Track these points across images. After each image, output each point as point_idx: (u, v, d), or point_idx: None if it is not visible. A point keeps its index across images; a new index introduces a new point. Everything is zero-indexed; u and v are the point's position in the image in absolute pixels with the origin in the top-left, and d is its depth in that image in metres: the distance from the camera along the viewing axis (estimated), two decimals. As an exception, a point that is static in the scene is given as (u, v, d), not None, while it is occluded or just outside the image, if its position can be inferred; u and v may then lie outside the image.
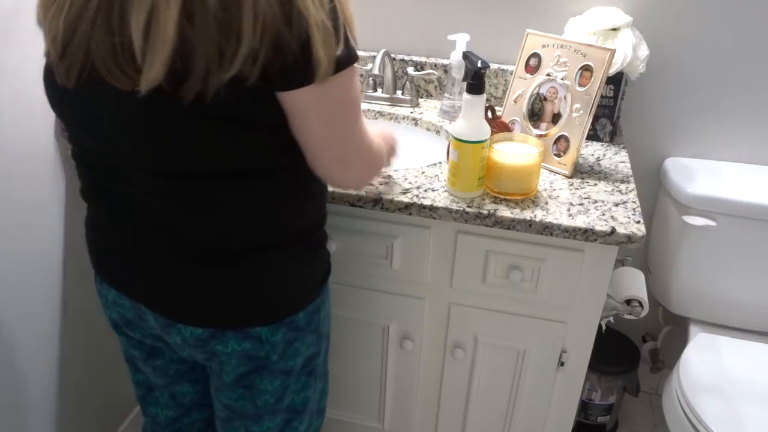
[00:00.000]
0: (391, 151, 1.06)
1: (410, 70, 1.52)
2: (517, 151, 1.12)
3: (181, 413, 1.11)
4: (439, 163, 1.25)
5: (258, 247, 0.83)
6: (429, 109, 1.51)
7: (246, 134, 0.73)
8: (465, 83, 1.06)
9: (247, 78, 0.67)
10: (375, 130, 0.97)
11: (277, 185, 0.80)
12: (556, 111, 1.24)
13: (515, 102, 1.30)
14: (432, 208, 1.10)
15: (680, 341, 1.54)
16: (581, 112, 1.20)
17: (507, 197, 1.12)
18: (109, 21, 0.67)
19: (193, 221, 0.79)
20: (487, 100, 1.54)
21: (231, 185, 0.77)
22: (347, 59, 0.72)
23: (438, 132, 1.43)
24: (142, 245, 0.84)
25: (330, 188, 1.08)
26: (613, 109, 1.36)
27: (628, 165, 1.29)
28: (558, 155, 1.23)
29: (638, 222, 1.07)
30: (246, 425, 0.97)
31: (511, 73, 1.45)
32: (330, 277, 0.97)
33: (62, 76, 0.73)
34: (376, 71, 1.43)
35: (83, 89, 0.73)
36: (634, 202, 1.14)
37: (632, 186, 1.20)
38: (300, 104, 0.72)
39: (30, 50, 1.12)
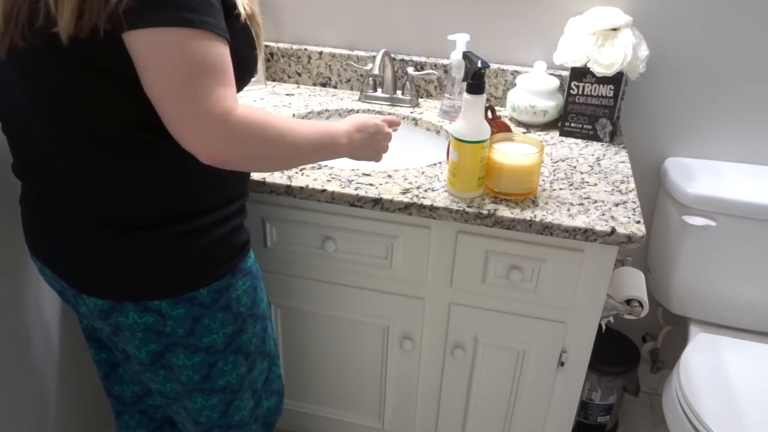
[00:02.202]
0: (367, 141, 1.02)
1: (410, 70, 1.52)
2: (517, 150, 1.12)
3: (145, 390, 1.14)
4: (439, 163, 1.25)
5: (154, 220, 0.85)
6: (429, 109, 1.51)
7: (115, 85, 0.76)
8: (465, 83, 1.06)
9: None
10: (349, 118, 1.02)
11: (167, 154, 0.81)
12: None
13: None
14: (432, 208, 1.10)
15: (680, 341, 1.54)
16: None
17: (507, 197, 1.12)
18: None
19: (88, 186, 0.83)
20: (487, 100, 1.54)
21: (122, 149, 0.80)
22: (200, 21, 0.73)
23: (438, 132, 1.43)
24: (52, 215, 0.89)
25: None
26: (613, 109, 1.36)
27: (628, 165, 1.29)
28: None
29: (638, 222, 1.07)
30: (182, 405, 1.01)
31: (511, 73, 1.45)
32: (246, 258, 0.97)
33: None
34: (376, 71, 1.43)
35: (12, 56, 0.79)
36: (634, 202, 1.14)
37: (632, 186, 1.20)
38: (138, 49, 0.73)
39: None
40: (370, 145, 1.03)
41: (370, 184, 1.15)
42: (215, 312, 0.93)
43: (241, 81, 0.87)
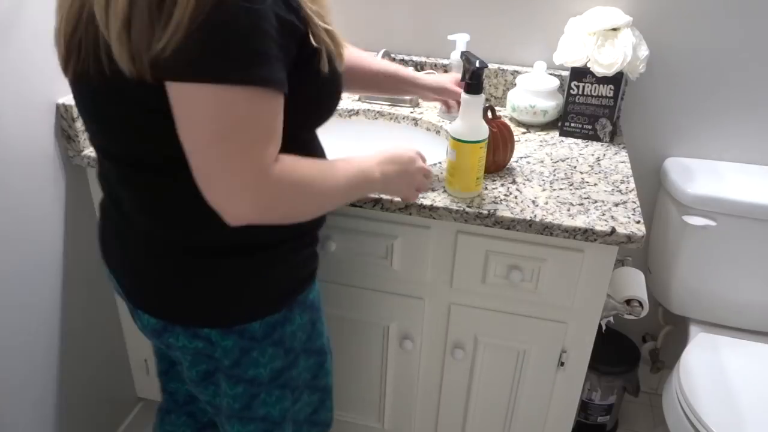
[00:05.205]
0: (401, 177, 0.95)
1: (410, 70, 1.52)
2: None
3: None
4: (439, 163, 1.25)
5: (211, 248, 0.82)
6: (429, 109, 1.51)
7: (170, 123, 0.72)
8: (463, 83, 1.06)
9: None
10: (380, 150, 0.93)
11: None
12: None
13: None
14: (432, 208, 1.10)
15: (680, 341, 1.54)
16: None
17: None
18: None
19: (140, 211, 0.83)
20: (487, 100, 1.54)
21: (179, 179, 0.74)
22: (247, 77, 0.67)
23: (438, 132, 1.43)
24: (118, 230, 0.89)
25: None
26: (613, 109, 1.36)
27: (628, 165, 1.29)
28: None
29: (638, 222, 1.07)
30: (222, 423, 1.00)
31: (511, 73, 1.45)
32: (309, 290, 0.93)
33: (62, 66, 0.80)
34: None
35: (75, 80, 0.79)
36: (634, 202, 1.14)
37: (632, 186, 1.20)
38: (172, 99, 0.68)
39: (30, 51, 1.12)
40: (404, 179, 0.96)
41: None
42: (266, 346, 0.89)
43: (316, 120, 0.84)
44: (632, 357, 1.62)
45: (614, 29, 1.32)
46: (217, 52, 0.65)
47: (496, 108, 1.29)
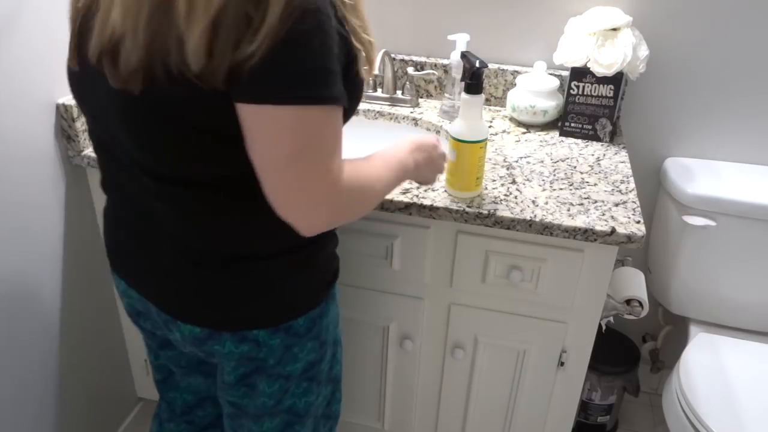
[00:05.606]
0: (428, 163, 0.99)
1: (410, 70, 1.52)
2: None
3: (197, 401, 1.12)
4: (439, 163, 1.25)
5: (253, 253, 0.83)
6: (429, 109, 1.51)
7: (216, 143, 0.72)
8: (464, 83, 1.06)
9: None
10: (405, 140, 0.96)
11: (263, 196, 0.77)
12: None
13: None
14: (432, 208, 1.10)
15: (680, 341, 1.54)
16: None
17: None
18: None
19: (183, 225, 0.80)
20: (487, 100, 1.54)
21: (224, 194, 0.77)
22: (323, 97, 0.69)
23: (438, 132, 1.43)
24: (144, 241, 0.86)
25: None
26: (613, 109, 1.36)
27: (628, 165, 1.29)
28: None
29: (638, 222, 1.07)
30: (248, 424, 0.98)
31: (511, 73, 1.45)
32: (336, 284, 0.96)
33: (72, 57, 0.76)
34: (376, 71, 1.43)
35: (94, 77, 0.74)
36: (634, 202, 1.14)
37: (632, 186, 1.20)
38: (247, 121, 0.68)
39: (30, 51, 1.12)
40: (429, 165, 1.00)
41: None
42: (306, 341, 0.91)
43: (343, 122, 0.84)
44: (632, 357, 1.62)
45: (614, 29, 1.32)
46: (297, 74, 0.67)
47: (497, 108, 1.29)
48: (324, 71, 0.68)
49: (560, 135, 1.42)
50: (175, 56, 0.66)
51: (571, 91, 1.37)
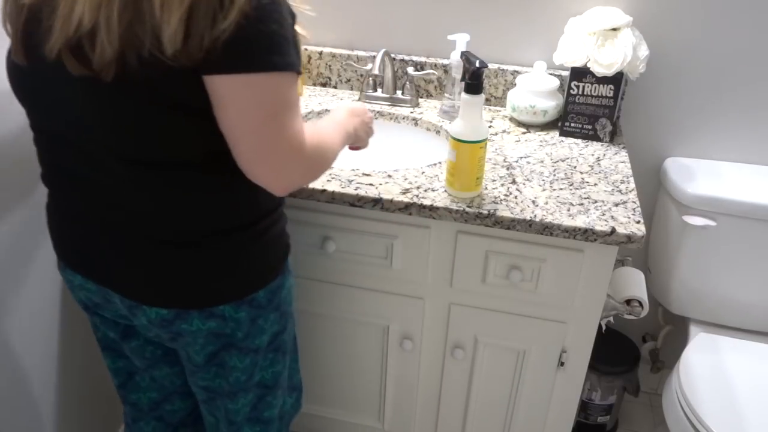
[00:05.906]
0: (362, 126, 1.06)
1: (410, 70, 1.52)
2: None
3: (163, 397, 1.13)
4: (439, 163, 1.25)
5: (221, 231, 0.86)
6: (429, 109, 1.51)
7: (188, 119, 0.76)
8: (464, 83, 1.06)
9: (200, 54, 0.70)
10: (340, 108, 1.05)
11: (230, 171, 0.81)
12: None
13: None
14: (432, 208, 1.10)
15: (680, 341, 1.54)
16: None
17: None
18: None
19: (154, 206, 0.82)
20: (487, 100, 1.54)
21: (191, 171, 0.81)
22: (286, 64, 0.75)
23: (438, 132, 1.43)
24: (108, 229, 0.87)
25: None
26: (613, 109, 1.36)
27: (628, 165, 1.29)
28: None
29: (638, 222, 1.07)
30: (224, 403, 1.01)
31: (511, 73, 1.45)
32: (289, 256, 0.99)
33: (20, 53, 0.77)
34: (376, 71, 1.43)
35: (49, 71, 0.76)
36: (634, 202, 1.14)
37: (632, 186, 1.20)
38: (221, 91, 0.73)
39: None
40: (363, 128, 1.07)
41: (370, 184, 1.15)
42: (269, 312, 0.95)
43: None
44: (632, 357, 1.62)
45: (614, 29, 1.32)
46: (265, 44, 0.73)
47: (497, 108, 1.29)
48: (285, 40, 0.75)
49: (560, 135, 1.42)
50: (149, 43, 0.70)
51: (571, 91, 1.37)
